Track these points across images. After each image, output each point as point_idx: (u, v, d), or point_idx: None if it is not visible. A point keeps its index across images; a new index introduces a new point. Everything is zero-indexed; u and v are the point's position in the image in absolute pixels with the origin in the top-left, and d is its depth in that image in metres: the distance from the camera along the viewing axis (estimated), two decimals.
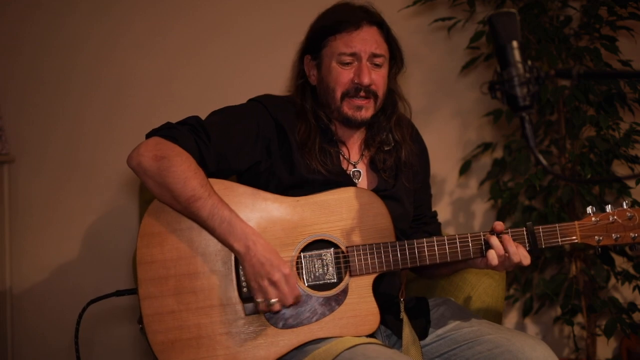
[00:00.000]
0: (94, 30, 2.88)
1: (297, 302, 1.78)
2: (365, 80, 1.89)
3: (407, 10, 2.90)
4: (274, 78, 2.85)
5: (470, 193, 3.15)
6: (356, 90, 1.91)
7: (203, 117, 1.92)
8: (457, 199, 3.14)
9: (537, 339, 1.82)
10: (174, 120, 1.91)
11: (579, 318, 2.97)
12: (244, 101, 2.01)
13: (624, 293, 3.10)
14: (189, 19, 2.93)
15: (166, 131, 1.84)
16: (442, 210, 3.10)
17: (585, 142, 2.81)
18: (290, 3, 2.97)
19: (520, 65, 1.26)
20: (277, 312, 1.78)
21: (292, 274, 1.75)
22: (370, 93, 1.92)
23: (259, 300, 1.75)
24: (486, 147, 3.01)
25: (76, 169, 2.88)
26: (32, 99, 2.87)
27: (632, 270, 2.81)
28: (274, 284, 1.73)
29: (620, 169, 2.94)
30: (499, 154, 3.04)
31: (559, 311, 2.98)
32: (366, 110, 1.93)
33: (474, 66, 2.98)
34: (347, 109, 1.93)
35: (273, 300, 1.74)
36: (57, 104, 2.87)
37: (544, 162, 1.24)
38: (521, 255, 1.82)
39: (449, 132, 3.11)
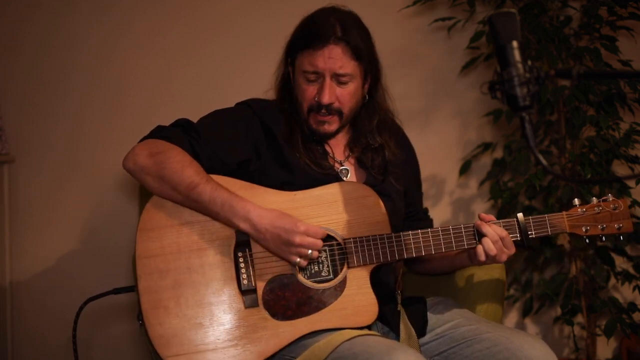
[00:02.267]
0: (94, 30, 2.87)
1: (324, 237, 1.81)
2: (325, 100, 1.90)
3: (407, 10, 2.90)
4: (274, 78, 2.84)
5: (470, 193, 3.14)
6: (318, 107, 1.92)
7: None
8: (457, 199, 3.14)
9: (536, 337, 1.83)
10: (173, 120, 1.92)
11: (579, 318, 2.97)
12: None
13: (624, 293, 3.09)
14: (189, 19, 2.93)
15: (158, 133, 1.89)
16: (442, 210, 3.10)
17: (585, 142, 2.81)
18: (290, 3, 2.96)
19: (520, 65, 1.27)
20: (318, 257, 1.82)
21: (307, 225, 1.76)
22: (333, 110, 1.93)
23: (297, 261, 1.78)
24: (486, 147, 3.00)
25: (76, 169, 2.88)
26: (32, 99, 2.86)
27: (632, 270, 2.81)
28: (299, 245, 1.75)
29: (620, 169, 2.94)
30: (499, 154, 3.03)
31: (559, 311, 2.98)
32: (329, 125, 1.96)
33: (474, 66, 2.98)
34: (312, 122, 1.96)
35: (307, 254, 1.77)
36: (57, 104, 2.87)
37: (544, 162, 1.24)
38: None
39: (449, 132, 3.10)
